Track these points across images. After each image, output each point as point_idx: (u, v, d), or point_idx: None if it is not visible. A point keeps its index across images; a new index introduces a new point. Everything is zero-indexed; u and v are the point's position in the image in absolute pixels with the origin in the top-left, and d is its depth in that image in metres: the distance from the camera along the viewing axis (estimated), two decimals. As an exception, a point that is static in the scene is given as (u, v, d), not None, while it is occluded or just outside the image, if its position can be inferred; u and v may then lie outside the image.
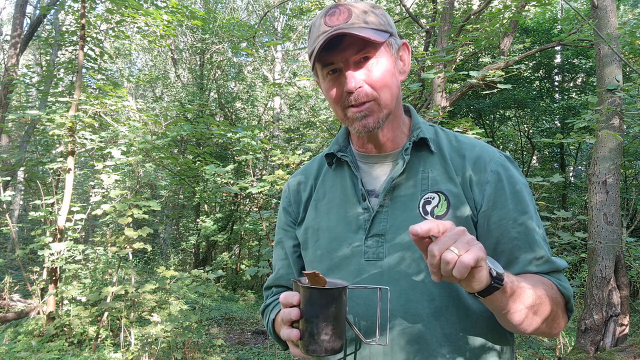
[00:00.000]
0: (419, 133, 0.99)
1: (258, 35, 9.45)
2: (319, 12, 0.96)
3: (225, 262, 8.93)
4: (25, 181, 8.33)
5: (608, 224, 3.75)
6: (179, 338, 4.48)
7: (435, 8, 7.26)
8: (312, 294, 0.79)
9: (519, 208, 0.94)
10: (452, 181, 0.95)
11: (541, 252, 0.92)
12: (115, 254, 5.03)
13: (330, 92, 0.96)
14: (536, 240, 0.92)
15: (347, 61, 0.92)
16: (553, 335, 0.93)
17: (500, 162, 0.97)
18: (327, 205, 1.05)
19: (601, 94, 3.95)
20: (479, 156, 0.97)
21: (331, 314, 0.79)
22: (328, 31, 0.90)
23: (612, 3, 4.06)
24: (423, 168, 0.98)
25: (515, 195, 0.95)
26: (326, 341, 0.79)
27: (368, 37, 0.88)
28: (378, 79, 0.93)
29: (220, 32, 11.47)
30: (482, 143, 1.02)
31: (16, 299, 6.85)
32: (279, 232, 1.15)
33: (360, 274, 0.94)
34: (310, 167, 1.15)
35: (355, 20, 0.91)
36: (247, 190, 4.66)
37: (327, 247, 1.00)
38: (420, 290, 0.90)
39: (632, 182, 9.34)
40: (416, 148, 1.00)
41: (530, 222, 0.93)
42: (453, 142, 1.02)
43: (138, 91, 16.34)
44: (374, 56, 0.93)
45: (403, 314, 0.90)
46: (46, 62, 9.15)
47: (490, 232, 0.93)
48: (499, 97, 9.26)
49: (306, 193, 1.10)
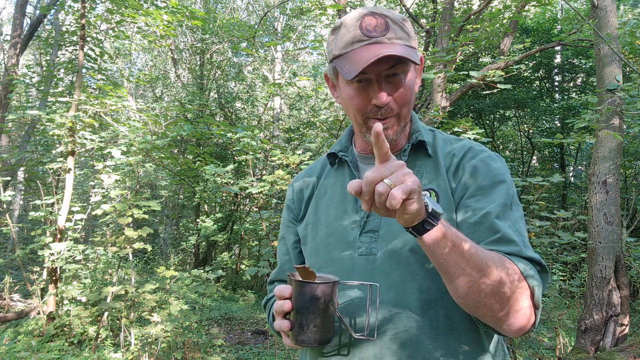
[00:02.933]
0: (418, 136, 1.04)
1: (258, 35, 9.46)
2: (352, 12, 0.96)
3: (225, 262, 8.93)
4: (25, 181, 8.33)
5: (608, 224, 3.75)
6: (179, 338, 4.48)
7: (435, 8, 7.27)
8: (303, 287, 0.83)
9: (487, 194, 0.94)
10: (442, 178, 0.99)
11: (508, 235, 0.88)
12: (115, 254, 5.03)
13: (353, 100, 0.97)
14: (500, 225, 0.90)
15: (380, 75, 0.93)
16: (511, 326, 0.84)
17: (483, 158, 1.00)
18: (327, 202, 1.09)
19: (601, 94, 3.95)
20: (465, 154, 1.01)
21: (320, 306, 0.82)
22: (368, 42, 0.91)
23: (612, 3, 4.06)
24: (418, 169, 1.02)
25: (489, 183, 0.95)
26: (315, 332, 0.83)
27: (408, 57, 0.89)
28: (403, 97, 0.96)
29: (220, 32, 11.47)
30: (474, 143, 1.06)
31: (16, 299, 6.85)
32: (282, 229, 1.21)
33: (353, 267, 0.97)
34: (314, 167, 1.20)
35: (392, 35, 0.92)
36: (247, 190, 4.66)
37: (324, 242, 1.04)
38: (410, 283, 0.92)
39: (632, 182, 9.35)
40: (414, 150, 1.04)
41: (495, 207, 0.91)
42: (448, 145, 1.06)
43: (138, 91, 16.34)
44: (402, 72, 0.95)
45: (393, 306, 0.92)
46: (46, 62, 9.16)
47: (462, 215, 0.94)
48: (499, 97, 9.26)
49: (308, 191, 1.15)
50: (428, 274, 0.92)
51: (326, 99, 13.40)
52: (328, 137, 6.82)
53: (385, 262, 0.95)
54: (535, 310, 0.85)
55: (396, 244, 0.95)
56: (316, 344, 0.84)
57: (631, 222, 6.87)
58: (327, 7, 7.04)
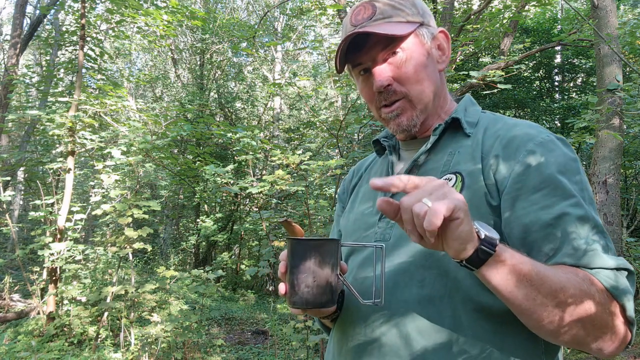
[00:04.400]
0: (454, 114, 0.94)
1: (258, 36, 9.45)
2: (349, 10, 0.95)
3: (225, 262, 8.93)
4: (25, 181, 8.34)
5: (608, 224, 3.75)
6: (179, 338, 4.48)
7: (435, 8, 7.27)
8: (291, 244, 0.79)
9: (558, 193, 0.77)
10: (474, 161, 0.86)
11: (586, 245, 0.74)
12: (115, 254, 5.03)
13: (363, 92, 0.95)
14: (579, 230, 0.75)
15: (375, 60, 0.90)
16: (602, 350, 0.73)
17: (543, 143, 0.83)
18: (364, 190, 1.06)
19: (601, 94, 3.95)
20: (515, 136, 0.85)
21: (311, 264, 0.76)
22: (352, 31, 0.88)
23: (612, 3, 4.06)
24: (452, 150, 0.91)
25: (552, 178, 0.78)
26: (306, 292, 0.76)
27: (389, 33, 0.85)
28: (407, 74, 0.89)
29: (220, 32, 11.48)
30: (528, 124, 0.89)
31: (16, 299, 6.85)
32: (335, 219, 1.18)
33: (368, 252, 0.94)
34: (366, 159, 1.18)
35: (379, 16, 0.88)
36: (247, 190, 4.66)
37: (351, 227, 1.02)
38: (411, 273, 0.84)
39: (632, 182, 9.35)
40: (451, 130, 0.94)
41: (571, 209, 0.76)
42: (496, 125, 0.91)
43: (138, 91, 16.34)
44: (402, 50, 0.89)
45: (389, 297, 0.86)
46: (46, 62, 9.16)
47: (515, 220, 0.79)
48: (499, 97, 9.26)
49: (354, 181, 1.14)
50: (435, 266, 0.82)
51: (326, 99, 13.42)
52: (328, 137, 6.82)
53: (393, 250, 0.88)
54: (629, 326, 0.73)
55: None
56: (309, 306, 0.77)
57: (631, 222, 6.87)
58: (327, 7, 7.04)
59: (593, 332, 0.71)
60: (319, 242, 0.78)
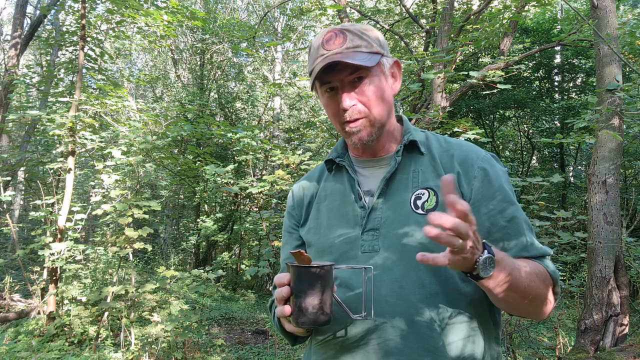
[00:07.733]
0: (409, 136, 1.10)
1: (258, 36, 9.46)
2: (319, 33, 1.08)
3: (226, 262, 8.93)
4: (25, 181, 8.34)
5: (608, 224, 3.75)
6: (179, 338, 4.49)
7: (435, 8, 7.27)
8: (300, 271, 0.90)
9: (507, 200, 1.02)
10: (440, 177, 1.03)
11: (529, 238, 1.01)
12: (116, 253, 5.04)
13: (328, 108, 1.08)
14: (524, 228, 1.01)
15: (343, 82, 1.04)
16: (541, 318, 1.02)
17: (487, 159, 1.07)
18: (328, 206, 1.15)
19: (601, 94, 3.95)
20: (466, 155, 1.07)
21: (317, 289, 0.89)
22: (325, 55, 1.02)
23: (612, 3, 4.06)
24: (414, 168, 1.08)
25: (501, 189, 1.03)
26: (313, 314, 0.89)
27: (360, 64, 0.99)
28: (369, 98, 1.04)
29: (220, 33, 11.48)
30: (468, 143, 1.12)
31: (16, 299, 6.85)
32: (284, 235, 1.26)
33: (357, 264, 1.02)
34: (312, 174, 1.27)
35: (350, 45, 1.02)
36: (247, 190, 4.67)
37: (328, 243, 1.09)
38: (412, 278, 0.98)
39: (632, 182, 9.35)
40: (408, 150, 1.10)
41: (517, 212, 1.02)
42: (442, 144, 1.12)
43: (138, 91, 16.35)
44: (367, 77, 1.03)
45: (395, 300, 0.98)
46: (46, 62, 9.17)
47: (481, 223, 0.98)
48: (499, 97, 9.27)
49: (309, 197, 1.21)
50: (429, 268, 0.97)
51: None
52: (328, 137, 6.83)
53: (388, 258, 1.00)
54: (555, 296, 1.01)
55: (397, 240, 1.00)
56: (316, 325, 0.90)
57: (631, 222, 6.87)
58: (327, 7, 7.05)
59: (541, 306, 0.98)
60: (322, 269, 0.90)
